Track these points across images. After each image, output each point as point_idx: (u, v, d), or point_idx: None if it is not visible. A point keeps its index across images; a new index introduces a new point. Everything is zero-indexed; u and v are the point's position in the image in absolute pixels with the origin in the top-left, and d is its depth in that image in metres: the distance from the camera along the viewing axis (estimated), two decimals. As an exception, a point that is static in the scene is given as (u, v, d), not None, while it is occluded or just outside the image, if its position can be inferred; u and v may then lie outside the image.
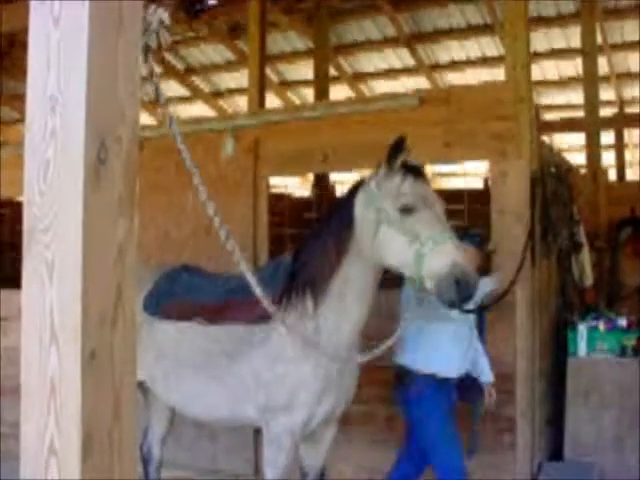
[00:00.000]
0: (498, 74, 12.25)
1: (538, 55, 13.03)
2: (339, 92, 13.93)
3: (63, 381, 1.83)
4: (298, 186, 17.34)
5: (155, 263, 5.64)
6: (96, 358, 1.85)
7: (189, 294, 5.12)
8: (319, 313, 4.51)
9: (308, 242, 4.65)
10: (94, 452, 1.84)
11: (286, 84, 15.15)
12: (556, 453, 6.95)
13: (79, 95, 1.82)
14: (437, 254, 4.03)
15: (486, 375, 5.54)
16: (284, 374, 4.56)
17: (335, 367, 4.58)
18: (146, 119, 15.28)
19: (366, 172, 4.73)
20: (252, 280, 3.85)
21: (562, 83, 14.46)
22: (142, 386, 5.37)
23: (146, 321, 5.12)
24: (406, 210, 4.16)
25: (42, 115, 1.87)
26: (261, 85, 11.30)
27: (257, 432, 7.01)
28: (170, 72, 14.63)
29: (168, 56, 14.19)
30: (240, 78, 13.86)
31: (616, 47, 12.99)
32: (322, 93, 11.43)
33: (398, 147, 4.31)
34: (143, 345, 5.04)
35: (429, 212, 4.19)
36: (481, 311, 5.57)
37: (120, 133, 1.90)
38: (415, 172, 4.35)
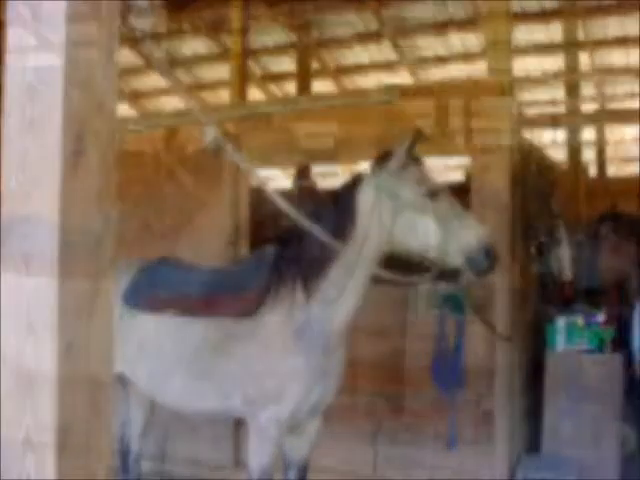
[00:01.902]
0: (481, 69, 12.28)
1: (520, 50, 13.07)
2: (322, 86, 13.93)
3: (39, 373, 1.82)
4: (279, 179, 17.34)
5: (136, 256, 5.61)
6: (73, 350, 1.85)
7: (171, 287, 5.11)
8: (310, 304, 4.53)
9: (298, 234, 4.64)
10: (70, 444, 1.83)
11: (269, 77, 15.10)
12: (534, 446, 6.99)
13: (57, 86, 1.82)
14: (465, 229, 4.33)
15: None
16: (275, 366, 4.57)
17: (324, 359, 4.60)
18: (126, 110, 15.25)
19: (347, 165, 4.76)
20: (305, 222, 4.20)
21: (544, 79, 14.50)
22: (121, 378, 5.36)
23: (126, 313, 5.11)
24: (432, 195, 4.39)
25: (20, 105, 1.87)
26: (243, 78, 11.31)
27: (238, 423, 7.01)
28: (152, 64, 14.56)
29: (150, 48, 14.13)
30: (223, 71, 13.81)
31: (598, 43, 13.04)
32: (305, 87, 11.44)
33: (417, 139, 4.53)
34: (123, 338, 5.03)
35: (447, 195, 4.49)
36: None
37: (98, 124, 1.90)
38: (421, 162, 4.62)
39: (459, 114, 6.54)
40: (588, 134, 13.32)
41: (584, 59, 12.55)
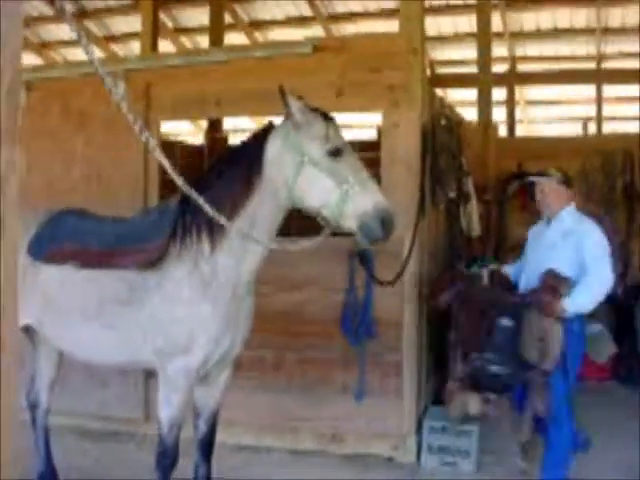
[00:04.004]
0: (394, 27, 12.32)
1: (434, 10, 13.16)
2: (235, 40, 13.77)
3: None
4: (191, 135, 17.20)
5: (42, 208, 5.52)
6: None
7: (75, 238, 5.04)
8: (216, 255, 4.53)
9: (204, 185, 4.61)
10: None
11: (181, 30, 14.88)
12: (441, 397, 7.15)
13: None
14: (363, 195, 4.25)
15: None
16: (182, 316, 4.57)
17: (232, 308, 4.63)
18: (33, 60, 14.87)
19: (259, 118, 4.75)
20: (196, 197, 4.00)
21: (456, 38, 14.63)
22: (29, 331, 5.30)
23: (31, 265, 5.04)
24: (335, 153, 4.33)
25: None
26: (155, 30, 11.14)
27: (147, 377, 7.01)
28: (61, 14, 14.19)
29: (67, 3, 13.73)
30: (134, 23, 13.55)
31: (510, 5, 13.21)
32: (217, 41, 11.30)
33: (282, 95, 4.37)
34: (29, 289, 4.97)
35: (354, 157, 4.41)
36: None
37: (2, 63, 1.87)
38: (332, 119, 4.50)
39: (370, 69, 6.57)
40: (499, 94, 13.51)
41: (496, 20, 12.68)
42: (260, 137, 4.59)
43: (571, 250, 5.46)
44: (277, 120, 4.65)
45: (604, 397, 8.87)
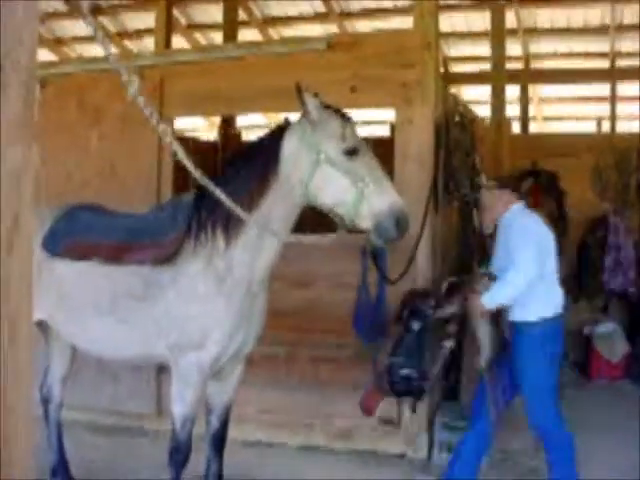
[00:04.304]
0: (408, 24, 12.28)
1: (447, 7, 13.11)
2: (248, 37, 13.75)
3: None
4: (204, 131, 17.21)
5: (56, 203, 5.54)
6: (-8, 286, 1.83)
7: (90, 233, 5.06)
8: (231, 251, 4.54)
9: (220, 181, 4.62)
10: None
11: (194, 27, 14.88)
12: (453, 394, 7.15)
13: (-25, 17, 1.78)
14: (379, 194, 4.29)
15: None
16: (196, 312, 4.59)
17: (246, 304, 4.64)
18: (47, 57, 14.88)
19: (272, 115, 4.75)
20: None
21: (470, 36, 14.58)
22: (42, 326, 5.32)
23: (46, 260, 5.06)
24: (351, 152, 4.34)
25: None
26: (169, 27, 11.14)
27: (160, 373, 7.03)
28: (76, 11, 14.22)
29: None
30: (147, 19, 13.56)
31: (524, 2, 13.15)
32: (231, 37, 11.29)
33: (299, 93, 4.38)
34: (43, 284, 4.98)
35: (370, 156, 4.41)
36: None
37: (18, 57, 1.87)
38: (348, 118, 4.51)
39: (384, 66, 6.56)
40: (512, 92, 13.47)
41: (510, 17, 12.64)
42: (276, 134, 4.60)
43: (504, 244, 5.48)
44: (291, 117, 4.66)
45: (615, 396, 8.84)
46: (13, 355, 1.90)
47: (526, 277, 5.22)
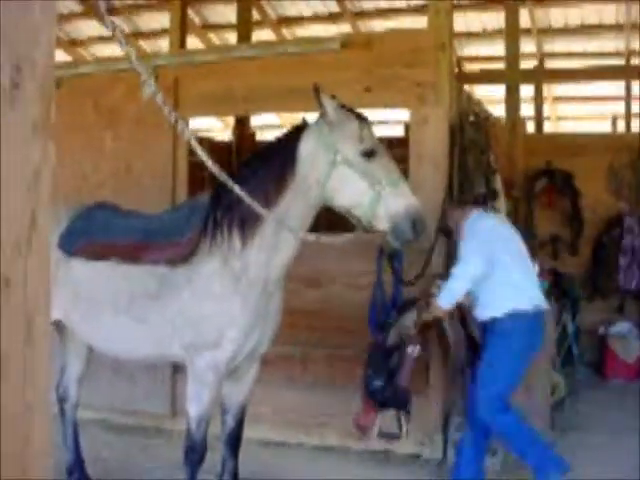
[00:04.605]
0: (421, 24, 12.26)
1: (462, 6, 13.08)
2: (262, 37, 13.76)
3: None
4: (217, 131, 17.22)
5: (72, 203, 5.56)
6: (9, 285, 1.84)
7: (106, 233, 5.08)
8: (247, 250, 4.54)
9: (237, 181, 4.63)
10: (6, 377, 1.83)
11: (208, 27, 14.89)
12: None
13: (-7, 17, 1.79)
14: (396, 196, 4.29)
15: None
16: (212, 311, 4.61)
17: (262, 304, 4.64)
18: (62, 57, 14.93)
19: (286, 115, 4.76)
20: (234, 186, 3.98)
21: (484, 35, 14.55)
22: (58, 325, 5.34)
23: (62, 259, 5.08)
24: (368, 154, 4.34)
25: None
26: (183, 27, 11.15)
27: (175, 372, 7.04)
28: (91, 11, 14.26)
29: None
30: (162, 19, 13.58)
31: (538, 1, 13.11)
32: (245, 37, 11.29)
33: (317, 94, 4.40)
34: (59, 284, 5.00)
35: (387, 158, 4.41)
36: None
37: (35, 57, 1.87)
38: (365, 119, 4.52)
39: (398, 65, 6.55)
40: (526, 91, 13.42)
41: (524, 16, 12.60)
42: (294, 135, 4.60)
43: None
44: (306, 117, 4.66)
45: (630, 396, 8.81)
46: (31, 354, 1.90)
47: (469, 269, 5.32)
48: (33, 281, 1.92)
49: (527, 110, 13.75)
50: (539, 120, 14.30)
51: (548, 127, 16.99)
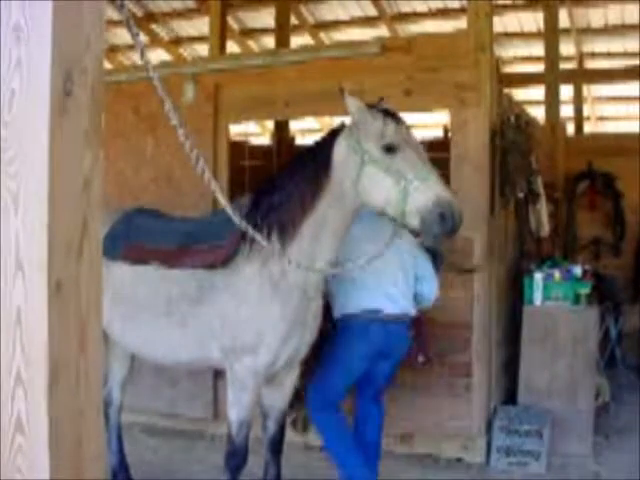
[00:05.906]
0: (459, 26, 12.22)
1: (500, 7, 13.01)
2: (300, 41, 13.79)
3: (29, 311, 1.83)
4: (257, 136, 17.28)
5: (114, 208, 5.60)
6: (62, 289, 1.86)
7: (146, 237, 5.11)
8: (286, 255, 4.54)
9: (274, 186, 4.65)
10: (60, 381, 1.85)
11: (247, 33, 14.96)
12: (511, 397, 7.11)
13: (44, 25, 1.80)
14: (422, 190, 4.13)
15: None
16: (250, 316, 4.61)
17: (301, 309, 4.64)
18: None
19: (325, 119, 4.76)
20: (233, 214, 3.95)
21: (523, 36, 14.46)
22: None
23: (104, 264, 5.10)
24: (390, 149, 4.25)
25: (7, 45, 1.84)
26: (222, 33, 11.21)
27: (217, 377, 7.07)
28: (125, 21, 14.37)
29: (128, 3, 13.84)
30: (201, 26, 13.67)
31: (577, 1, 13.01)
32: (283, 42, 11.33)
33: (342, 95, 4.41)
34: (102, 289, 5.03)
35: (412, 151, 4.28)
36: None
37: (86, 64, 1.89)
38: (395, 117, 4.44)
39: (438, 68, 6.53)
40: (566, 92, 13.32)
41: (563, 17, 12.51)
42: (329, 138, 4.60)
43: None
44: (346, 121, 4.66)
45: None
46: (84, 360, 1.92)
47: None
48: (85, 287, 1.95)
49: (566, 111, 13.65)
50: (579, 121, 14.19)
51: (588, 128, 16.84)
